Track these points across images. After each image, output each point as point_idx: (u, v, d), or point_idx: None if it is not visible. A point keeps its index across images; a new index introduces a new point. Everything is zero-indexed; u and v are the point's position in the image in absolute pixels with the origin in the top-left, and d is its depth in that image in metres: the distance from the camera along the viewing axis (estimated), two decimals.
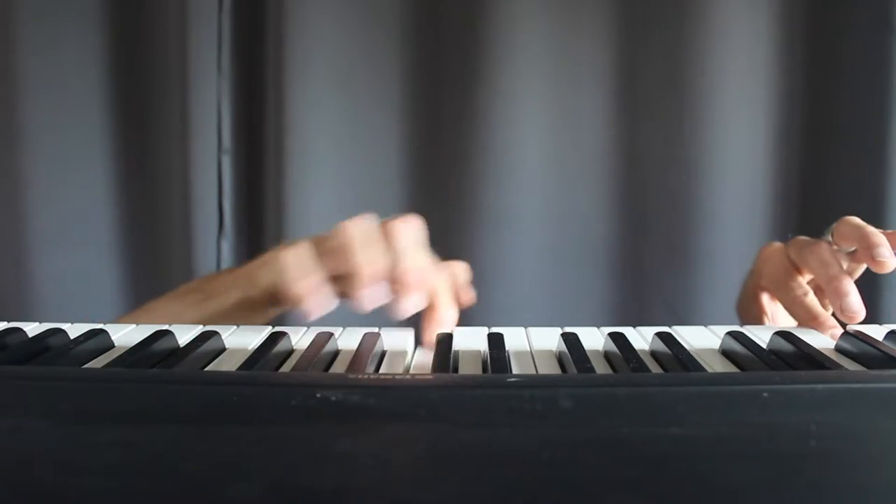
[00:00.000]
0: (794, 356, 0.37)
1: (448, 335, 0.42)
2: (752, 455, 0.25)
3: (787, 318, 0.54)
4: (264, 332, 0.43)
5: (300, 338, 0.42)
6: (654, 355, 0.39)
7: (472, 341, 0.41)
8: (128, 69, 1.02)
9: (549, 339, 0.41)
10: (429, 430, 0.26)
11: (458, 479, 0.24)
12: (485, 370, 0.37)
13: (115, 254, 1.05)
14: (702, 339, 0.42)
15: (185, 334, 0.42)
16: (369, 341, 0.40)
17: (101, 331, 0.40)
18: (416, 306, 0.43)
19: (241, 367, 0.35)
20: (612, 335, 0.39)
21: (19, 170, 1.00)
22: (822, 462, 0.25)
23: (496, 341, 0.39)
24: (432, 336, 0.43)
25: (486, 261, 0.98)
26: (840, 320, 0.46)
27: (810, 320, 0.48)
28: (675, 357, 0.35)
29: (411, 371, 0.39)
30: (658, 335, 0.39)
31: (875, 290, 0.89)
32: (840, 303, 0.45)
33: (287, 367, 0.38)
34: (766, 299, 0.56)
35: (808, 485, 0.25)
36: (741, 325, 0.59)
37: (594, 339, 0.41)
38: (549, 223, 1.00)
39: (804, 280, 0.51)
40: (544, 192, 0.99)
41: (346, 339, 0.42)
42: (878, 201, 0.91)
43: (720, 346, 0.40)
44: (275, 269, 0.53)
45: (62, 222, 1.02)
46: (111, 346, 0.40)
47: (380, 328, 0.43)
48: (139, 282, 1.05)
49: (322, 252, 0.46)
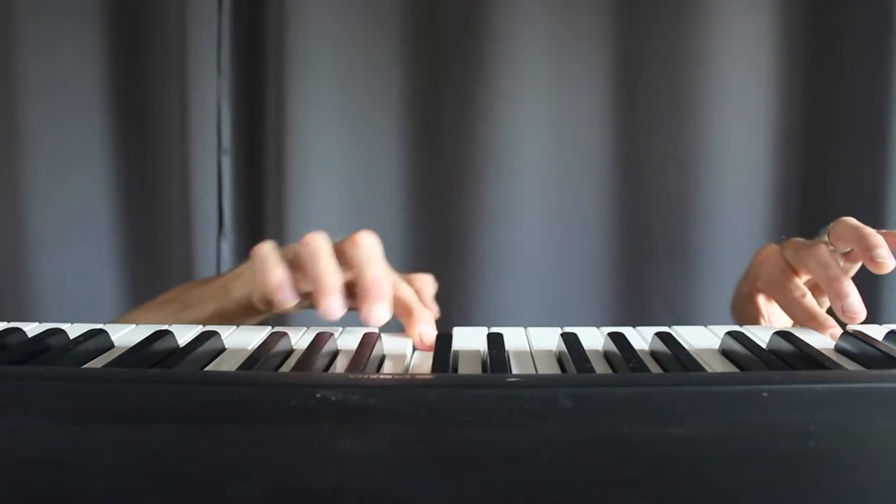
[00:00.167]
0: (794, 356, 0.37)
1: (448, 335, 0.42)
2: (752, 455, 0.25)
3: (783, 319, 0.54)
4: (264, 332, 0.43)
5: (300, 338, 0.42)
6: (653, 355, 0.39)
7: (472, 341, 0.41)
8: (128, 69, 1.02)
9: (548, 339, 0.41)
10: (429, 430, 0.26)
11: (458, 479, 0.24)
12: (484, 370, 0.37)
13: (115, 254, 1.05)
14: (701, 339, 0.42)
15: (185, 334, 0.42)
16: (369, 341, 0.40)
17: (101, 331, 0.40)
18: (381, 316, 0.43)
19: (241, 367, 0.35)
20: (612, 335, 0.39)
21: (19, 170, 1.00)
22: (821, 462, 0.25)
23: (496, 341, 0.39)
24: (419, 337, 0.43)
25: (485, 261, 0.98)
26: (840, 321, 0.46)
27: (809, 321, 0.48)
28: (675, 357, 0.35)
29: (410, 371, 0.39)
30: (658, 335, 0.39)
31: (875, 290, 0.89)
32: (841, 304, 0.45)
33: (287, 367, 0.38)
34: (762, 301, 0.56)
35: (808, 485, 0.25)
36: (736, 324, 0.59)
37: (594, 339, 0.41)
38: (549, 223, 0.99)
39: (801, 281, 0.51)
40: (544, 192, 0.99)
41: (346, 339, 0.42)
42: (878, 201, 0.91)
43: (720, 346, 0.40)
44: (248, 273, 0.54)
45: (62, 222, 1.02)
46: (111, 346, 0.40)
47: (379, 329, 0.43)
48: (139, 282, 1.05)
49: (287, 262, 0.47)
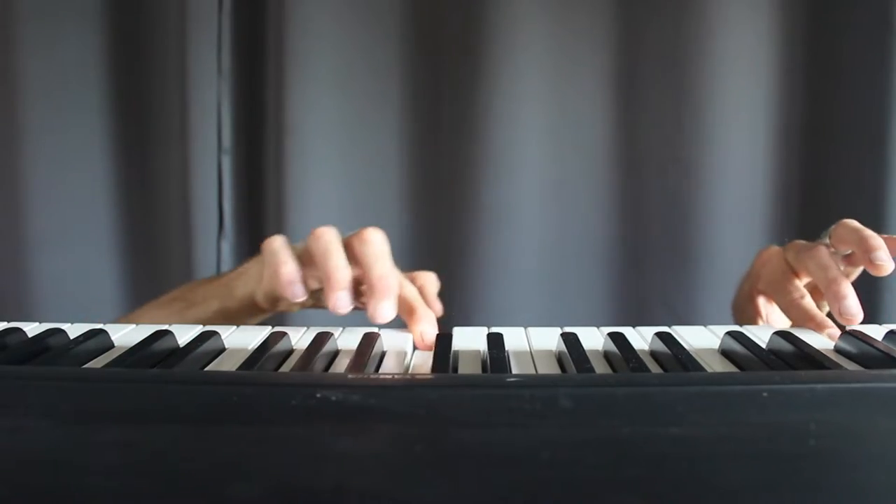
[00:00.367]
0: (794, 356, 0.37)
1: (448, 335, 0.42)
2: (752, 455, 0.25)
3: (781, 320, 0.55)
4: (264, 331, 0.43)
5: (300, 338, 0.42)
6: (653, 355, 0.39)
7: (472, 341, 0.41)
8: (128, 69, 1.02)
9: (548, 339, 0.41)
10: (429, 430, 0.26)
11: (458, 479, 0.24)
12: (484, 370, 0.37)
13: (115, 254, 1.05)
14: (701, 339, 0.42)
15: (185, 334, 0.42)
16: (369, 341, 0.40)
17: (101, 331, 0.40)
18: (388, 313, 0.44)
19: (241, 367, 0.35)
20: (612, 335, 0.39)
21: (19, 170, 1.00)
22: (821, 462, 0.25)
23: (496, 341, 0.39)
24: (420, 336, 0.44)
25: (485, 260, 0.98)
26: (838, 322, 0.46)
27: (806, 322, 0.48)
28: (675, 357, 0.35)
29: (410, 371, 0.39)
30: (658, 335, 0.39)
31: (874, 290, 0.89)
32: (839, 306, 0.45)
33: (287, 367, 0.38)
34: (761, 301, 0.57)
35: (808, 485, 0.25)
36: (735, 324, 0.60)
37: (594, 339, 0.41)
38: (549, 223, 0.99)
39: (801, 283, 0.52)
40: (544, 192, 0.99)
41: (346, 339, 0.42)
42: (878, 201, 0.91)
43: (720, 346, 0.40)
44: (252, 271, 0.54)
45: (62, 222, 1.02)
46: (111, 346, 0.40)
47: (380, 328, 0.43)
48: (139, 282, 1.05)
49: (296, 257, 0.48)
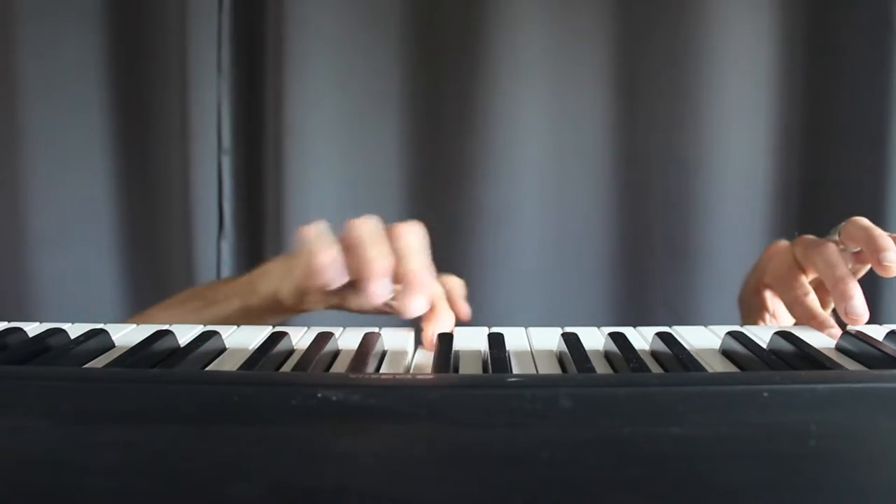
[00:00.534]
0: (795, 356, 0.37)
1: (448, 335, 0.42)
2: (752, 455, 0.25)
3: (787, 315, 0.54)
4: (264, 332, 0.43)
5: (300, 338, 0.42)
6: (654, 355, 0.39)
7: (473, 341, 0.41)
8: (128, 69, 1.02)
9: (549, 339, 0.41)
10: (429, 430, 0.26)
11: (459, 479, 0.24)
12: (485, 370, 0.37)
13: (115, 254, 1.05)
14: (702, 339, 0.42)
15: (185, 334, 0.42)
16: (369, 341, 0.40)
17: (101, 331, 0.40)
18: (420, 308, 0.43)
19: (242, 367, 0.35)
20: (613, 335, 0.39)
21: (19, 170, 1.00)
22: (822, 462, 0.25)
23: (496, 341, 0.39)
24: (430, 336, 0.43)
25: (485, 261, 0.98)
26: (842, 321, 0.46)
27: (809, 320, 0.48)
28: (675, 357, 0.35)
29: (411, 371, 0.39)
30: (658, 335, 0.39)
31: (875, 290, 0.89)
32: (845, 305, 0.45)
33: (287, 367, 0.38)
34: (768, 295, 0.57)
35: (808, 485, 0.25)
36: (741, 317, 0.59)
37: (594, 339, 0.41)
38: (549, 223, 0.99)
39: (807, 279, 0.52)
40: (544, 192, 0.99)
41: (346, 339, 0.42)
42: (878, 201, 0.91)
43: (720, 346, 0.40)
44: (278, 268, 0.54)
45: (62, 222, 1.02)
46: (111, 346, 0.40)
47: (380, 328, 0.43)
48: (139, 282, 1.05)
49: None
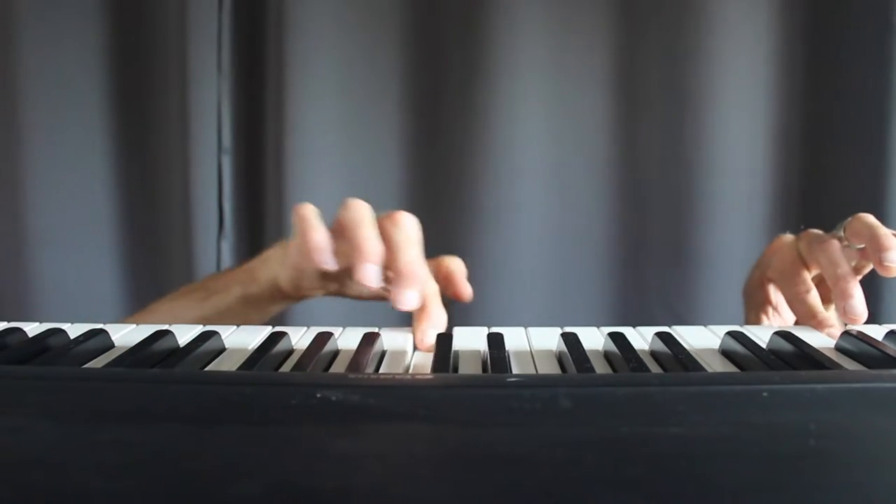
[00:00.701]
0: (794, 356, 0.37)
1: (448, 335, 0.42)
2: (752, 455, 0.25)
3: (790, 311, 0.54)
4: (264, 331, 0.43)
5: (300, 338, 0.42)
6: (654, 355, 0.39)
7: (472, 341, 0.41)
8: (128, 69, 1.02)
9: (549, 339, 0.41)
10: (429, 430, 0.26)
11: (459, 479, 0.24)
12: (485, 370, 0.37)
13: (115, 254, 1.05)
14: (702, 339, 0.42)
15: (185, 334, 0.42)
16: (369, 341, 0.40)
17: (101, 331, 0.40)
18: (413, 302, 0.43)
19: (241, 367, 0.35)
20: (612, 335, 0.39)
21: (19, 170, 1.00)
22: (822, 462, 0.25)
23: (496, 341, 0.39)
24: (423, 337, 0.43)
25: (486, 260, 0.98)
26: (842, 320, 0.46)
27: (809, 318, 0.48)
28: (675, 357, 0.35)
29: (411, 371, 0.39)
30: (658, 335, 0.39)
31: (876, 290, 0.89)
32: (844, 304, 0.45)
33: (287, 367, 0.38)
34: (771, 289, 0.56)
35: (808, 485, 0.25)
36: (745, 310, 0.59)
37: (594, 339, 0.41)
38: (549, 223, 1.00)
39: (809, 275, 0.51)
40: (544, 192, 0.99)
41: (346, 339, 0.42)
42: (878, 201, 0.91)
43: (720, 346, 0.40)
44: (276, 254, 0.54)
45: (62, 222, 1.02)
46: (111, 346, 0.40)
47: (380, 328, 0.43)
48: (139, 282, 1.05)
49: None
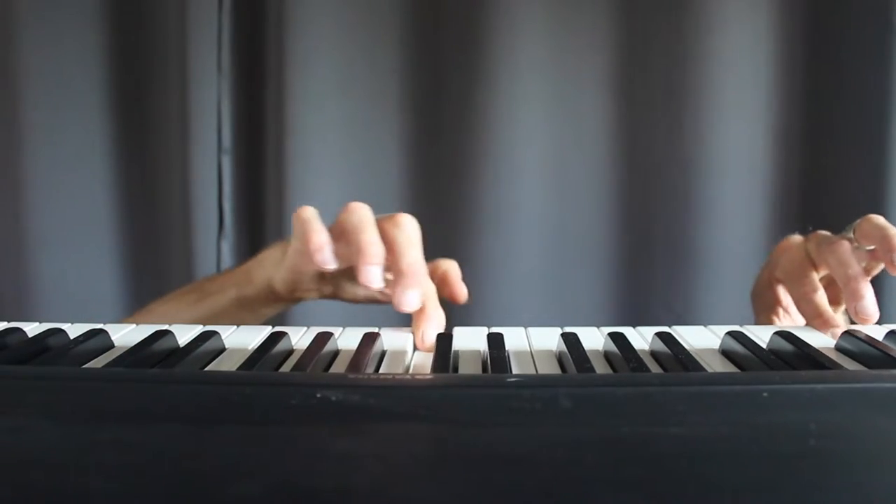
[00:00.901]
0: (794, 356, 0.37)
1: (448, 335, 0.42)
2: (752, 455, 0.25)
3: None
4: (264, 332, 0.43)
5: (300, 338, 0.42)
6: (654, 355, 0.39)
7: (472, 341, 0.41)
8: (128, 69, 1.02)
9: (549, 339, 0.41)
10: (429, 430, 0.26)
11: (459, 479, 0.24)
12: (485, 370, 0.37)
13: (115, 254, 1.05)
14: (702, 339, 0.42)
15: (185, 334, 0.42)
16: (369, 341, 0.40)
17: (101, 331, 0.40)
18: (414, 303, 0.43)
19: (241, 367, 0.35)
20: (612, 335, 0.39)
21: (19, 170, 1.00)
22: (822, 462, 0.25)
23: (496, 341, 0.39)
24: (421, 336, 0.43)
25: (486, 261, 0.98)
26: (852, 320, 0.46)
27: (815, 318, 0.48)
28: (675, 357, 0.35)
29: (411, 371, 0.39)
30: (658, 335, 0.39)
31: (876, 290, 0.89)
32: (855, 305, 0.45)
33: (287, 367, 0.38)
34: (781, 290, 0.56)
35: (809, 485, 0.24)
36: (754, 312, 0.59)
37: (594, 339, 0.41)
38: (550, 223, 1.00)
39: (817, 276, 0.51)
40: (544, 193, 0.99)
41: (346, 339, 0.42)
42: (879, 201, 0.91)
43: (720, 346, 0.40)
44: (272, 256, 0.54)
45: (62, 222, 1.02)
46: (111, 346, 0.40)
47: (380, 328, 0.43)
48: (139, 282, 1.05)
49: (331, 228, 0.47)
